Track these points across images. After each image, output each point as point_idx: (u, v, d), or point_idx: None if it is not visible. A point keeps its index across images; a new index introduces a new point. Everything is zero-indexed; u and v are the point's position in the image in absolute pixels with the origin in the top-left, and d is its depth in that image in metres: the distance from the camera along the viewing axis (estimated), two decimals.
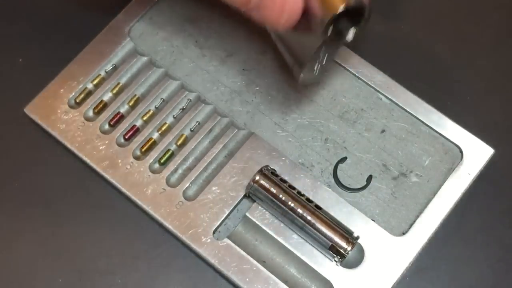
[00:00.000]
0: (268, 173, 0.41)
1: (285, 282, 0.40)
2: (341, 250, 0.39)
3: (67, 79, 0.45)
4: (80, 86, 0.45)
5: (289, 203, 0.40)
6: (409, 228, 0.41)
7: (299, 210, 0.40)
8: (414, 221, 0.41)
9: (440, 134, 0.43)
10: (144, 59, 0.46)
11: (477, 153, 0.43)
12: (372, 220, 0.41)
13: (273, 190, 0.40)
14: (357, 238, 0.40)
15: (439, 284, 0.42)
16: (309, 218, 0.40)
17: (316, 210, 0.40)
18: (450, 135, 0.43)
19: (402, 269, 0.40)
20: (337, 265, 0.40)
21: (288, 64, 0.40)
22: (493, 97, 0.46)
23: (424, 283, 0.41)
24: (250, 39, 0.46)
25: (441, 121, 0.44)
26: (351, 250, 0.39)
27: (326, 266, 0.40)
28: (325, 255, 0.41)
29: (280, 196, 0.40)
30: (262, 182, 0.41)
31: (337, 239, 0.39)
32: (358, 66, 0.45)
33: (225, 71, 0.45)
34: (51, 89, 0.45)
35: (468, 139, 0.43)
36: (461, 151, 0.43)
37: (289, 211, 0.40)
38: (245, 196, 0.42)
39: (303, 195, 0.41)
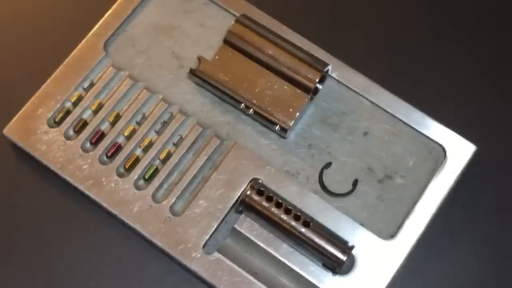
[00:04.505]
0: (258, 187, 0.41)
1: None
2: (337, 262, 0.39)
3: (45, 98, 0.45)
4: (59, 105, 0.44)
5: (283, 217, 0.40)
6: (398, 231, 0.41)
7: (293, 223, 0.40)
8: (402, 223, 0.42)
9: (422, 134, 0.44)
10: (122, 73, 0.45)
11: (459, 151, 0.43)
12: (361, 224, 0.42)
13: (265, 204, 0.40)
14: (352, 247, 0.40)
15: (430, 284, 0.42)
16: (303, 230, 0.40)
17: (309, 222, 0.40)
18: (432, 134, 0.44)
19: (393, 272, 0.41)
20: (333, 275, 0.40)
21: (274, 122, 0.43)
22: (472, 93, 0.46)
23: (415, 285, 0.42)
24: None
25: (422, 120, 0.44)
26: (346, 260, 0.39)
27: (318, 274, 0.41)
28: (316, 264, 0.41)
29: (273, 210, 0.40)
30: (253, 197, 0.41)
31: (332, 250, 0.40)
32: (337, 69, 0.45)
33: None
34: (29, 109, 0.44)
35: (450, 137, 0.43)
36: (444, 150, 0.43)
37: (282, 225, 0.40)
38: (232, 208, 0.42)
39: (295, 208, 0.41)
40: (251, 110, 0.43)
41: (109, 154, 0.43)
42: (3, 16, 0.49)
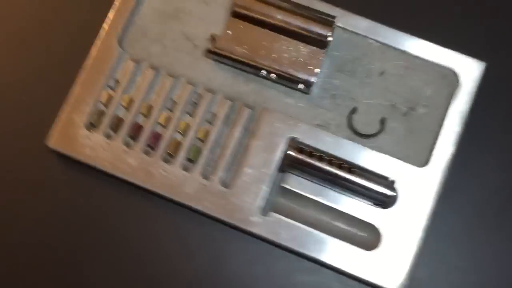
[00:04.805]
0: (297, 145, 0.44)
1: (336, 236, 0.44)
2: (385, 198, 0.43)
3: (76, 104, 0.47)
4: (91, 108, 0.47)
5: (326, 168, 0.43)
6: (430, 156, 0.45)
7: (337, 172, 0.43)
8: (433, 148, 0.45)
9: (433, 62, 0.47)
10: (142, 65, 0.47)
11: (470, 71, 0.46)
12: (396, 158, 0.45)
13: (308, 160, 0.44)
14: (394, 181, 0.44)
15: (468, 200, 0.46)
16: (348, 176, 0.43)
17: (352, 167, 0.44)
18: (442, 61, 0.46)
19: (433, 194, 0.44)
20: (383, 209, 0.44)
21: (297, 81, 0.46)
22: (471, 11, 0.49)
23: (455, 203, 0.46)
24: None
25: (430, 49, 0.47)
26: (393, 194, 0.43)
27: (367, 212, 0.44)
28: (365, 203, 0.44)
29: (316, 164, 0.43)
30: (295, 155, 0.44)
31: (378, 188, 0.43)
32: (342, 18, 0.47)
33: None
34: (64, 117, 0.46)
35: (458, 60, 0.46)
36: (456, 74, 0.46)
37: (328, 176, 0.43)
38: (277, 169, 0.45)
39: (335, 157, 0.44)
40: (273, 75, 0.46)
41: (151, 145, 0.46)
42: (9, 34, 0.50)
